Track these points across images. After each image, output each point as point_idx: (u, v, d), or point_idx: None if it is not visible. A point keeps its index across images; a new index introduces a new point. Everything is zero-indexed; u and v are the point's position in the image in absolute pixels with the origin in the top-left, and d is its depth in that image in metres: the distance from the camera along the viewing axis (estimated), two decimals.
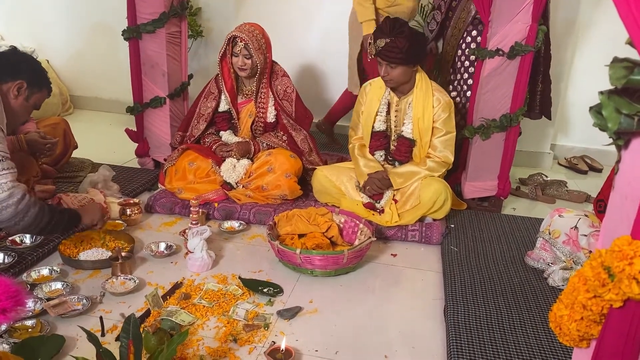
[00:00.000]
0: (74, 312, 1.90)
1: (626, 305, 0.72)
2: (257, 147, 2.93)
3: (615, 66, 0.73)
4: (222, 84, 2.93)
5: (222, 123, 3.00)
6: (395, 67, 2.54)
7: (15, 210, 1.89)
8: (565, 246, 2.18)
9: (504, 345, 1.78)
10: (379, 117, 2.74)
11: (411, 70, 2.60)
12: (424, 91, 2.64)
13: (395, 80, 2.59)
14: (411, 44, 2.49)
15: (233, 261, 2.36)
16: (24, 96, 2.12)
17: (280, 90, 2.94)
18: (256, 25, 2.85)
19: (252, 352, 1.78)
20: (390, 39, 2.48)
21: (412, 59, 2.53)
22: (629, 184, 0.76)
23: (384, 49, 2.49)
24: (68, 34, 4.48)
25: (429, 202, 2.59)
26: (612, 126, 0.76)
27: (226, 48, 2.83)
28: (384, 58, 2.52)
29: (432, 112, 2.63)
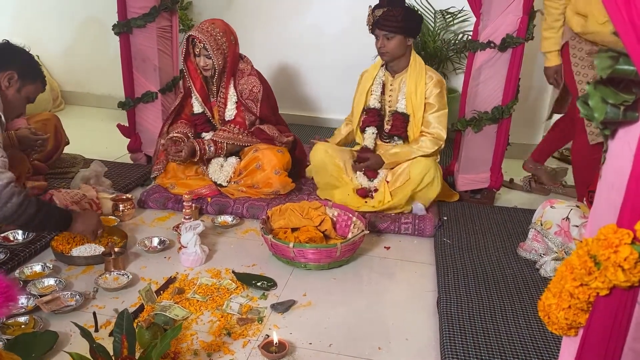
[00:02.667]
0: (67, 308, 1.90)
1: (612, 293, 0.73)
2: (202, 146, 2.78)
3: (601, 56, 0.73)
4: (190, 84, 2.84)
5: (203, 125, 2.91)
6: (391, 38, 2.61)
7: (16, 206, 1.88)
8: (557, 237, 2.19)
9: (497, 336, 1.79)
10: (373, 95, 2.81)
11: (406, 44, 2.67)
12: (417, 69, 2.72)
13: (391, 52, 2.66)
14: (406, 14, 2.61)
15: (226, 255, 2.36)
16: (16, 87, 2.11)
17: (246, 90, 2.81)
18: (218, 22, 2.75)
19: (246, 345, 1.79)
20: (388, 8, 2.59)
21: (408, 29, 2.62)
22: (615, 174, 0.77)
23: (382, 18, 2.59)
24: (58, 29, 4.45)
25: (417, 177, 2.62)
26: (598, 116, 0.77)
27: (187, 48, 2.74)
28: (382, 27, 2.60)
29: (424, 88, 2.70)
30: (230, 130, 2.85)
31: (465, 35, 3.75)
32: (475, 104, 2.80)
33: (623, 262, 0.69)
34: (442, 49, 3.77)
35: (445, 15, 3.77)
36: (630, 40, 0.67)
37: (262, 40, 3.96)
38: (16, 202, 1.88)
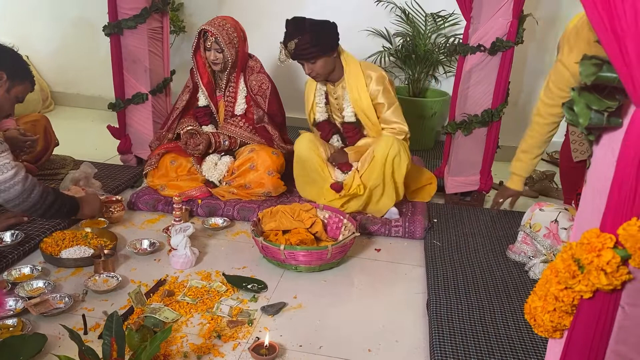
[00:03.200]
0: (56, 311, 1.89)
1: (595, 296, 0.74)
2: (216, 138, 2.86)
3: (585, 63, 0.74)
4: (197, 78, 2.91)
5: (204, 118, 2.98)
6: (315, 61, 2.58)
7: (23, 187, 1.97)
8: (545, 239, 2.21)
9: (486, 338, 1.81)
10: (318, 108, 2.80)
11: (332, 58, 2.63)
12: (354, 73, 2.67)
13: (322, 73, 2.64)
14: (318, 35, 2.54)
15: (217, 258, 2.36)
16: (5, 88, 2.11)
17: (255, 86, 2.91)
18: (229, 19, 2.83)
19: (236, 348, 1.79)
20: (297, 38, 2.53)
21: (325, 49, 2.57)
22: (600, 178, 0.78)
23: (297, 50, 2.55)
24: (48, 29, 4.43)
25: (382, 154, 2.58)
26: (583, 122, 0.78)
27: (198, 42, 2.81)
28: (301, 58, 2.58)
29: (366, 90, 2.67)
30: (237, 124, 2.90)
31: (455, 38, 3.78)
32: (466, 107, 2.82)
33: (606, 265, 0.70)
34: (432, 52, 3.79)
35: (436, 18, 3.79)
36: (612, 48, 0.68)
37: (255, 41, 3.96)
38: (39, 192, 2.02)
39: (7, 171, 1.95)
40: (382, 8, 3.90)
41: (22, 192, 1.98)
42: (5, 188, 1.96)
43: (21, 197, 1.99)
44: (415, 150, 3.85)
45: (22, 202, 2.01)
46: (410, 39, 3.83)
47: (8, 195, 1.97)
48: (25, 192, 1.99)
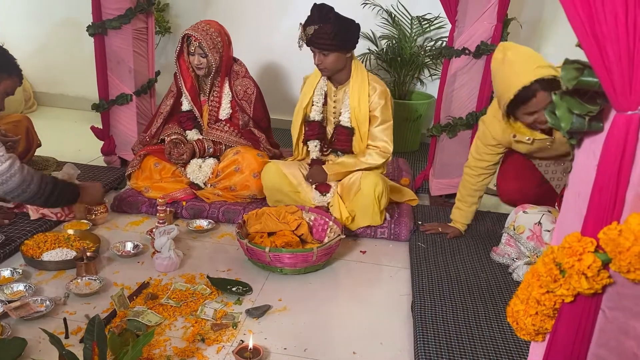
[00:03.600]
0: (36, 314, 1.86)
1: (576, 300, 0.75)
2: (200, 146, 2.84)
3: (566, 68, 0.75)
4: (181, 83, 2.88)
5: (187, 122, 2.95)
6: (328, 54, 2.52)
7: (22, 177, 1.97)
8: (529, 241, 2.22)
9: (470, 339, 1.81)
10: (315, 107, 2.73)
11: (345, 57, 2.58)
12: (360, 80, 2.63)
13: (330, 68, 2.57)
14: (339, 29, 2.48)
15: (201, 260, 2.34)
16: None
17: (240, 91, 2.88)
18: (213, 23, 2.81)
19: (220, 351, 1.77)
20: (319, 25, 2.47)
21: (343, 45, 2.52)
22: (581, 182, 0.78)
23: (314, 36, 2.49)
24: (31, 29, 4.37)
25: (370, 189, 2.52)
26: (565, 126, 0.78)
27: (182, 46, 2.79)
28: (316, 45, 2.52)
29: (367, 100, 2.63)
30: (222, 129, 2.88)
31: (441, 41, 3.80)
32: (450, 109, 2.83)
33: (587, 269, 0.70)
34: (418, 55, 3.81)
35: (421, 21, 3.81)
36: (593, 52, 0.69)
37: (240, 43, 3.95)
38: (37, 180, 2.02)
39: (3, 163, 1.94)
40: (369, 10, 3.91)
41: (21, 182, 1.98)
42: (4, 180, 1.95)
43: (21, 188, 1.99)
44: (401, 152, 3.87)
45: (23, 193, 2.01)
46: (396, 42, 3.84)
47: (8, 187, 1.97)
48: (24, 182, 1.98)
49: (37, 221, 2.44)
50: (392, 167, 3.34)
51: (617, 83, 0.68)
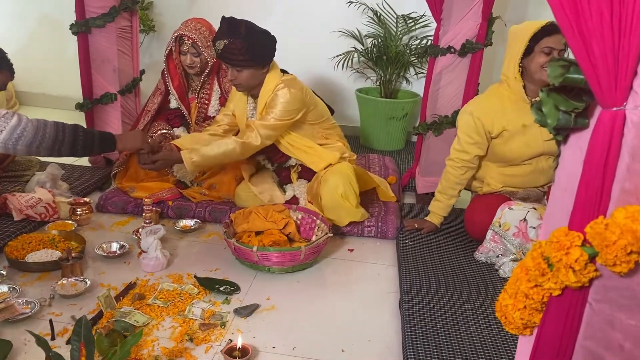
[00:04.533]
0: (21, 316, 1.83)
1: (564, 293, 0.76)
2: None
3: (553, 65, 0.76)
4: (168, 81, 2.88)
5: (175, 120, 2.94)
6: (241, 70, 2.40)
7: (35, 125, 1.93)
8: (515, 238, 2.25)
9: (458, 336, 1.83)
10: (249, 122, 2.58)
11: (261, 73, 2.45)
12: (267, 90, 2.49)
13: (245, 84, 2.46)
14: (251, 44, 2.34)
15: (188, 260, 2.33)
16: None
17: (229, 87, 2.89)
18: (202, 21, 2.81)
19: (208, 351, 1.77)
20: (229, 40, 2.33)
21: (256, 60, 2.39)
22: (567, 178, 0.80)
23: (224, 52, 2.35)
24: (13, 27, 4.30)
25: (331, 199, 2.47)
26: (551, 122, 0.80)
27: (172, 46, 2.77)
28: (226, 61, 2.40)
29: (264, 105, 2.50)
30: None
31: (426, 40, 3.82)
32: (436, 108, 2.85)
33: (574, 263, 0.72)
34: (404, 54, 3.82)
35: (407, 20, 3.83)
36: (579, 49, 0.70)
37: None
38: (51, 125, 1.98)
39: (11, 118, 1.91)
40: (354, 9, 3.92)
41: (37, 128, 1.94)
42: (19, 133, 1.92)
43: (39, 135, 1.95)
44: (387, 151, 3.89)
45: (42, 140, 1.95)
46: (382, 40, 3.85)
47: (26, 138, 1.93)
48: (39, 129, 1.95)
49: (21, 222, 2.41)
50: (379, 166, 3.35)
51: (603, 79, 0.69)
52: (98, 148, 2.18)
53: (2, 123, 1.89)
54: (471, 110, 2.36)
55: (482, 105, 2.36)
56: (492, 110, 2.32)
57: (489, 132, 2.34)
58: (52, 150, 2.01)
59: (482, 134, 2.34)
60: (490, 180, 2.46)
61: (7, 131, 1.90)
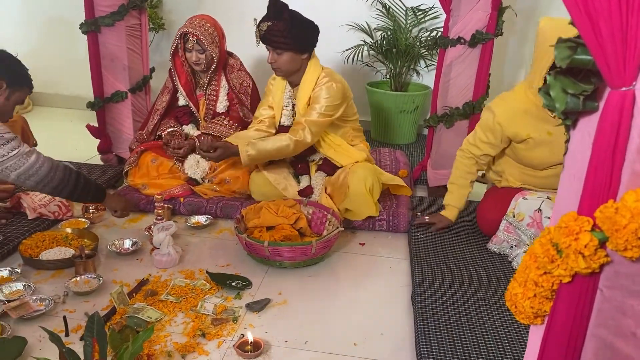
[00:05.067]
0: (36, 313, 1.85)
1: (574, 280, 0.74)
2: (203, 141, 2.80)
3: (560, 46, 0.74)
4: (176, 79, 2.88)
5: (184, 117, 2.95)
6: (281, 53, 2.46)
7: (50, 165, 2.05)
8: (529, 229, 2.21)
9: (470, 329, 1.81)
10: (285, 111, 2.67)
11: (300, 58, 2.50)
12: (309, 80, 2.54)
13: (284, 69, 2.51)
14: (293, 28, 2.41)
15: (200, 256, 2.34)
16: (5, 96, 2.11)
17: (237, 84, 2.91)
18: (207, 18, 2.80)
19: (220, 345, 1.77)
20: (272, 22, 2.41)
21: (297, 45, 2.44)
22: (577, 163, 0.78)
23: (267, 33, 2.43)
24: (24, 29, 4.35)
25: (359, 189, 2.49)
26: (559, 106, 0.78)
27: (178, 44, 2.78)
28: (268, 42, 2.46)
29: (310, 94, 2.54)
30: (222, 123, 2.87)
31: (436, 31, 3.79)
32: (447, 100, 2.82)
33: (583, 249, 0.70)
34: (413, 46, 3.80)
35: (416, 12, 3.80)
36: (586, 30, 0.68)
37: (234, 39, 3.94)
38: (61, 169, 2.09)
39: (31, 157, 2.01)
40: (363, 2, 3.90)
41: (49, 170, 2.05)
42: (34, 171, 2.02)
43: (49, 175, 2.05)
44: (398, 144, 3.87)
45: (51, 180, 2.06)
46: (391, 33, 3.83)
47: (39, 176, 2.03)
48: (51, 170, 2.05)
49: (35, 220, 2.44)
50: (390, 159, 3.33)
51: (611, 60, 0.67)
52: (91, 198, 2.30)
53: (23, 160, 2.00)
54: (496, 111, 2.25)
55: (509, 109, 2.23)
56: (518, 116, 2.20)
57: (508, 138, 2.27)
58: (54, 190, 2.12)
59: (498, 137, 2.27)
60: (509, 177, 2.41)
61: (24, 167, 2.00)
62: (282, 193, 2.65)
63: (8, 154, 1.97)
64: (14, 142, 1.99)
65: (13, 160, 1.98)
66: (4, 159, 1.97)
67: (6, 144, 1.97)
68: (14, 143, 1.99)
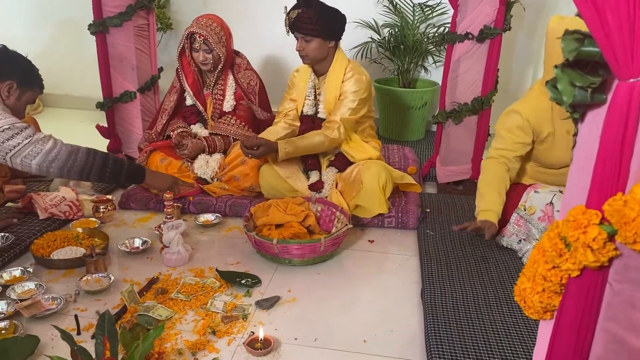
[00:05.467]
0: (47, 312, 1.87)
1: (583, 274, 0.74)
2: (211, 143, 2.85)
3: (566, 39, 0.73)
4: (182, 78, 2.90)
5: (191, 117, 2.97)
6: (310, 40, 2.51)
7: (68, 150, 2.03)
8: (540, 222, 2.19)
9: (480, 325, 1.81)
10: (307, 100, 2.72)
11: (327, 46, 2.56)
12: (337, 70, 2.61)
13: (311, 56, 2.56)
14: (322, 15, 2.49)
15: (210, 254, 2.35)
16: (15, 96, 2.14)
17: (244, 83, 2.92)
18: (214, 17, 2.81)
19: (231, 343, 1.78)
20: (302, 9, 2.49)
21: (325, 31, 2.51)
22: (585, 156, 0.77)
23: (297, 20, 2.49)
24: (33, 31, 4.38)
25: (372, 185, 2.52)
26: (567, 99, 0.77)
27: (185, 44, 2.79)
28: (298, 30, 2.51)
29: (339, 87, 2.60)
30: (230, 122, 2.89)
31: (444, 27, 3.77)
32: (455, 95, 2.81)
33: (592, 242, 0.69)
34: (421, 42, 3.78)
35: (423, 8, 3.78)
36: (593, 20, 0.67)
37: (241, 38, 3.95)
38: (83, 151, 2.08)
39: (47, 142, 2.00)
40: None
41: (69, 153, 2.03)
42: (53, 157, 2.01)
43: (71, 159, 2.04)
44: (407, 141, 3.85)
45: (73, 164, 2.04)
46: (399, 30, 3.81)
47: (60, 161, 2.02)
48: (72, 153, 2.04)
49: (46, 220, 2.46)
50: (399, 156, 3.32)
51: (619, 51, 0.67)
52: (126, 177, 2.24)
53: (39, 146, 1.99)
54: (520, 110, 2.21)
55: (532, 106, 2.21)
56: (542, 111, 2.18)
57: (536, 135, 2.23)
58: (82, 174, 2.10)
59: (529, 134, 2.21)
60: (521, 174, 2.38)
61: (42, 154, 1.99)
62: (291, 186, 2.66)
63: (22, 142, 1.96)
64: (27, 131, 1.99)
65: (29, 147, 1.97)
66: (20, 148, 1.96)
67: (20, 133, 1.97)
68: (28, 131, 1.99)
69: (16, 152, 1.96)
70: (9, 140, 1.95)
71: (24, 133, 1.98)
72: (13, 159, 1.97)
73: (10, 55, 2.18)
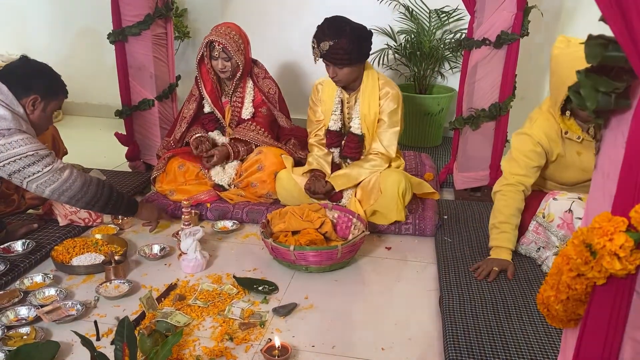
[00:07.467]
0: (68, 318, 1.89)
1: (609, 282, 0.72)
2: (234, 149, 2.86)
3: (590, 44, 0.72)
4: (201, 86, 2.92)
5: (209, 124, 2.99)
6: (342, 67, 2.49)
7: (83, 179, 2.10)
8: (559, 230, 2.16)
9: (500, 333, 1.78)
10: (333, 115, 2.69)
11: (360, 68, 2.56)
12: (370, 85, 2.60)
13: (345, 80, 2.55)
14: (354, 43, 2.43)
15: (227, 261, 2.36)
16: (40, 108, 2.16)
17: (264, 92, 2.94)
18: (233, 26, 2.83)
19: (248, 350, 1.78)
20: (334, 41, 2.42)
21: (358, 58, 2.49)
22: (610, 162, 0.76)
23: (329, 52, 2.44)
24: (53, 40, 4.46)
25: (392, 193, 2.51)
26: (590, 105, 0.76)
27: (204, 52, 2.81)
28: (331, 61, 2.48)
29: (378, 105, 2.60)
30: (250, 128, 2.91)
31: (460, 33, 3.75)
32: (473, 101, 2.79)
33: (618, 250, 0.68)
34: (438, 49, 3.77)
35: (440, 14, 3.77)
36: (618, 25, 0.66)
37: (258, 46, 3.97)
38: (94, 183, 2.14)
39: (64, 172, 2.06)
40: (385, 6, 3.88)
41: (83, 183, 2.10)
42: (68, 186, 2.06)
43: (83, 190, 2.10)
44: (423, 147, 3.84)
45: (83, 196, 2.10)
46: (415, 36, 3.81)
47: (72, 192, 2.08)
48: (84, 185, 2.10)
49: (66, 227, 2.49)
50: (415, 162, 3.31)
51: None
52: (124, 210, 2.32)
53: (57, 175, 2.05)
54: (532, 133, 2.19)
55: (541, 127, 2.19)
56: (550, 133, 2.17)
57: (548, 155, 2.21)
58: (88, 205, 2.17)
59: (543, 156, 2.20)
60: (539, 184, 2.37)
61: (58, 183, 2.05)
62: (307, 195, 2.66)
63: (42, 169, 2.02)
64: (48, 159, 2.04)
65: (47, 176, 2.03)
66: (39, 175, 2.01)
67: (41, 161, 2.01)
68: (48, 159, 2.04)
69: (34, 178, 2.02)
70: (30, 166, 2.00)
71: (45, 161, 2.03)
72: (30, 183, 2.03)
73: (31, 68, 2.19)
